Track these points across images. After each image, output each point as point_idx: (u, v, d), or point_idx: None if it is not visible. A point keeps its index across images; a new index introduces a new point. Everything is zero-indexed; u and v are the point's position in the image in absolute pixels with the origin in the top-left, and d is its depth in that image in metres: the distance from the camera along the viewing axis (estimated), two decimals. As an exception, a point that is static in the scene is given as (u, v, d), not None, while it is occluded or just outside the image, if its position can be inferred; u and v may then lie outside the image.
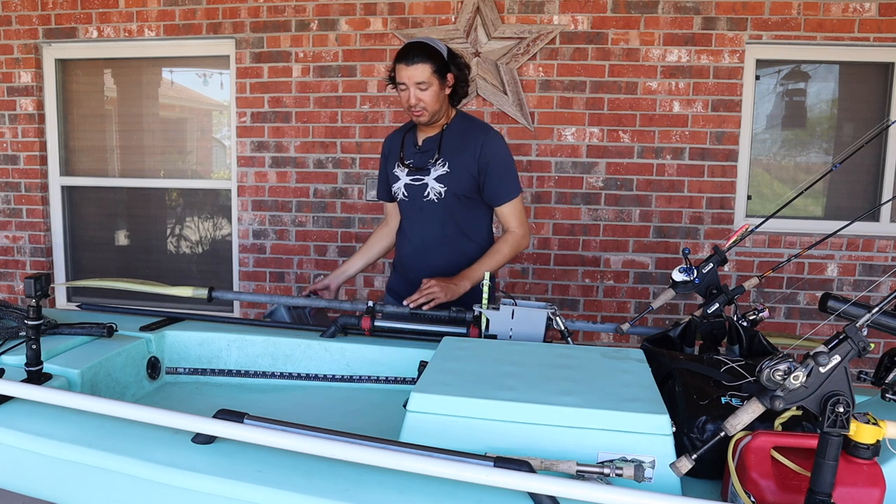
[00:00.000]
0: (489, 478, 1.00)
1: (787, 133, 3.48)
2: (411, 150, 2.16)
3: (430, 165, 2.10)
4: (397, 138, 2.23)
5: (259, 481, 1.07)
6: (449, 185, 2.08)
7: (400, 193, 2.17)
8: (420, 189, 2.12)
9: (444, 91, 2.04)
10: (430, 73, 1.97)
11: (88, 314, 1.99)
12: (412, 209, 2.16)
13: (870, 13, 3.19)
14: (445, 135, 2.11)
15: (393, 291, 2.31)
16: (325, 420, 1.47)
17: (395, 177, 2.18)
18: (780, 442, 1.10)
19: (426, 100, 2.00)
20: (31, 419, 1.28)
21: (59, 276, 4.00)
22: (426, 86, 1.99)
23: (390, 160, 2.21)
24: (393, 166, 2.19)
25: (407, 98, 2.02)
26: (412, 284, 2.19)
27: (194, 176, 3.91)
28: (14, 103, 3.83)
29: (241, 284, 3.79)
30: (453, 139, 2.10)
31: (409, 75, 1.97)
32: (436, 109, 2.04)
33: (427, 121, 2.06)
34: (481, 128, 2.11)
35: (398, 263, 2.30)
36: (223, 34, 3.59)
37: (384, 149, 2.26)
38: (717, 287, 1.78)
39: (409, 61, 1.97)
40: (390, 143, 2.25)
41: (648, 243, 3.44)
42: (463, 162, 2.07)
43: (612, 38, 3.33)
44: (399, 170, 2.17)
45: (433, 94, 2.00)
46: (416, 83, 1.98)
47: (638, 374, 1.32)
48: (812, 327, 3.35)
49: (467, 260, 2.13)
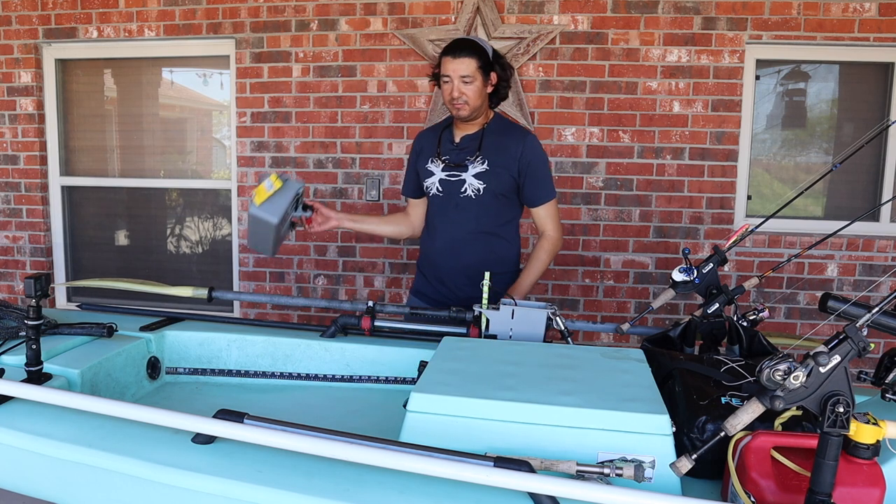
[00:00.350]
0: (489, 478, 1.00)
1: (787, 133, 3.48)
2: (448, 147, 2.17)
3: (469, 162, 2.12)
4: (432, 135, 2.24)
5: (259, 481, 1.07)
6: (488, 182, 2.10)
7: (434, 188, 2.17)
8: (457, 185, 2.13)
9: (486, 88, 2.07)
10: (475, 68, 2.01)
11: (88, 314, 1.99)
12: (446, 204, 2.16)
13: (870, 13, 3.19)
14: (486, 133, 2.13)
15: (420, 294, 2.29)
16: (325, 420, 1.47)
17: (429, 172, 2.18)
18: (780, 442, 1.10)
19: (469, 94, 2.03)
20: (31, 419, 1.29)
21: (59, 276, 4.00)
22: (470, 80, 2.02)
23: (423, 156, 2.21)
24: (426, 161, 2.19)
25: (450, 90, 2.04)
26: (440, 283, 2.20)
27: (194, 176, 3.91)
28: (14, 103, 3.83)
29: (241, 284, 3.79)
30: (494, 138, 2.13)
31: (455, 68, 2.01)
32: (477, 105, 2.06)
33: (467, 115, 2.07)
34: (521, 130, 2.16)
35: (425, 263, 2.28)
36: (223, 34, 3.59)
37: (416, 145, 2.27)
38: (717, 287, 1.78)
39: (455, 54, 2.01)
40: (424, 139, 2.25)
41: (648, 243, 3.44)
42: (503, 161, 2.10)
43: (612, 38, 3.33)
44: (434, 165, 2.17)
45: (476, 89, 2.04)
46: (460, 76, 2.01)
47: (638, 374, 1.32)
48: (812, 327, 3.35)
49: (496, 257, 2.17)
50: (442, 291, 2.21)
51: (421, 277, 2.31)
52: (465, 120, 2.11)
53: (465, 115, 2.07)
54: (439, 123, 2.27)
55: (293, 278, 3.72)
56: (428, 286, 2.26)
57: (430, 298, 2.24)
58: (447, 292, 2.20)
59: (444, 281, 2.20)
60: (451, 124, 2.20)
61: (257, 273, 3.76)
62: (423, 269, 2.30)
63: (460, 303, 2.11)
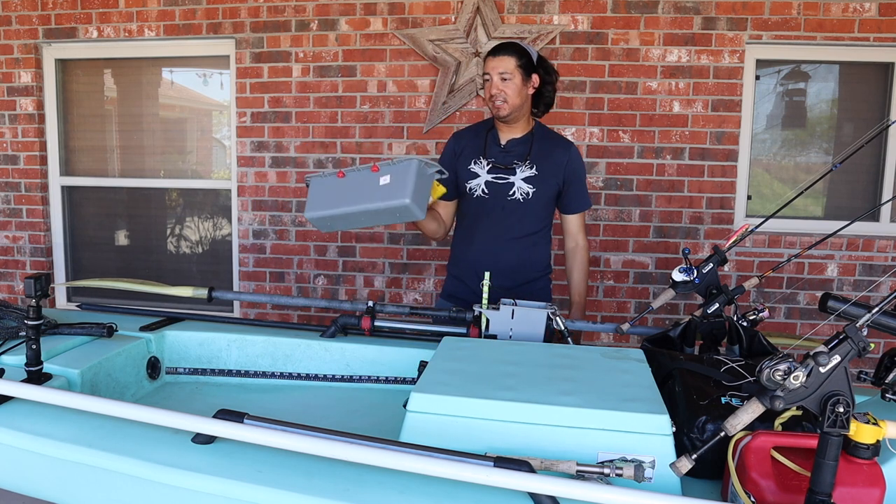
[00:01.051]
0: (489, 478, 1.00)
1: (787, 133, 3.48)
2: (494, 149, 2.17)
3: (517, 166, 2.13)
4: (474, 136, 2.22)
5: (259, 481, 1.07)
6: (538, 187, 2.13)
7: (478, 190, 2.16)
8: (505, 187, 2.13)
9: (526, 89, 2.09)
10: (514, 66, 2.04)
11: (88, 314, 1.99)
12: (492, 206, 2.15)
13: (870, 13, 3.19)
14: (535, 139, 2.16)
15: (453, 297, 2.26)
16: (325, 420, 1.47)
17: (473, 173, 2.17)
18: (780, 442, 1.10)
19: (508, 92, 2.05)
20: (31, 419, 1.29)
21: (59, 276, 4.00)
22: (509, 76, 2.04)
23: (464, 156, 2.19)
24: (468, 163, 2.18)
25: (490, 88, 2.06)
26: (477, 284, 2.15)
27: (194, 176, 3.91)
28: (14, 103, 3.83)
29: (241, 284, 3.79)
30: (541, 145, 2.16)
31: (494, 66, 2.05)
32: (516, 105, 2.07)
33: (506, 115, 2.08)
34: (565, 139, 2.23)
35: (460, 265, 2.25)
36: (223, 34, 3.59)
37: (454, 145, 2.23)
38: (717, 287, 1.78)
39: (496, 53, 2.06)
40: (464, 140, 2.23)
41: (648, 243, 3.44)
42: (551, 168, 2.14)
43: (612, 38, 3.33)
44: (478, 166, 2.16)
45: (515, 87, 2.05)
46: (499, 73, 2.04)
47: (638, 374, 1.32)
48: (812, 327, 3.35)
49: (534, 260, 2.21)
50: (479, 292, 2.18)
51: (454, 281, 2.28)
52: (504, 120, 2.11)
53: (504, 115, 2.08)
54: (479, 124, 2.26)
55: (293, 278, 3.72)
56: (464, 289, 2.23)
57: (464, 301, 2.20)
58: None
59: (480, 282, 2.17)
60: (494, 127, 2.20)
61: (257, 273, 3.76)
62: (456, 273, 2.27)
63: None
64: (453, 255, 2.31)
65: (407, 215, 1.77)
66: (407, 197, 1.70)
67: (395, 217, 1.79)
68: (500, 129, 2.18)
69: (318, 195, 1.81)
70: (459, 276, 2.26)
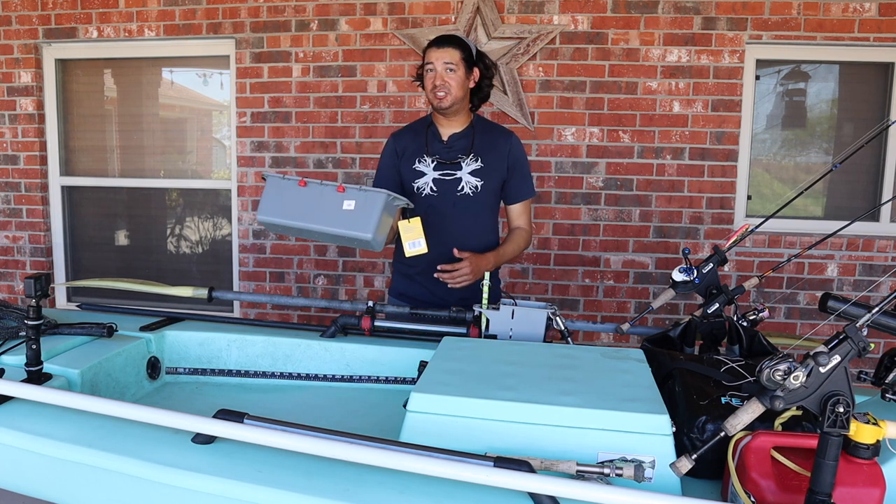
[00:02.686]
0: (489, 478, 1.00)
1: (787, 133, 3.48)
2: (436, 146, 2.16)
3: (462, 160, 2.12)
4: (413, 135, 2.20)
5: (259, 481, 1.07)
6: (485, 179, 2.12)
7: (427, 189, 2.14)
8: (453, 184, 2.12)
9: (468, 82, 2.10)
10: (458, 58, 2.05)
11: (88, 314, 1.99)
12: (443, 203, 2.13)
13: (870, 13, 3.19)
14: (476, 131, 2.15)
15: (404, 296, 2.24)
16: (325, 420, 1.47)
17: (419, 172, 2.14)
18: (780, 442, 1.10)
19: (451, 83, 2.05)
20: (31, 419, 1.29)
21: (59, 276, 4.00)
22: (454, 67, 2.04)
23: (407, 157, 2.17)
24: (412, 162, 2.16)
25: (433, 78, 2.06)
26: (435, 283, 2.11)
27: (194, 176, 3.91)
28: (14, 103, 3.83)
29: (241, 284, 3.79)
30: (483, 136, 2.15)
31: (439, 56, 2.05)
32: (458, 97, 2.07)
33: (448, 106, 2.07)
34: (505, 130, 2.22)
35: (414, 264, 2.17)
36: (223, 34, 3.59)
37: (395, 147, 2.20)
38: (717, 287, 1.78)
39: (440, 44, 2.06)
40: (404, 140, 2.20)
41: (648, 243, 3.44)
42: (495, 159, 2.14)
43: (612, 38, 3.33)
44: (423, 165, 2.15)
45: (458, 79, 2.06)
46: (444, 62, 2.04)
47: (638, 374, 1.32)
48: (812, 327, 3.34)
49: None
50: (436, 292, 2.17)
51: (403, 279, 2.25)
52: (445, 112, 2.10)
53: (445, 106, 2.07)
54: (417, 122, 2.24)
55: (293, 278, 3.72)
56: (417, 288, 2.21)
57: (417, 300, 2.20)
58: (442, 292, 2.15)
59: (437, 281, 2.12)
60: (432, 123, 2.18)
61: (257, 273, 3.76)
62: (407, 272, 2.22)
63: (457, 302, 2.09)
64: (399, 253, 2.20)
65: (364, 246, 1.77)
66: (370, 232, 1.69)
67: (351, 244, 1.79)
68: (440, 125, 2.17)
69: (274, 198, 1.77)
70: (410, 275, 2.22)
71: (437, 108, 2.09)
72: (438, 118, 2.16)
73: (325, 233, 1.75)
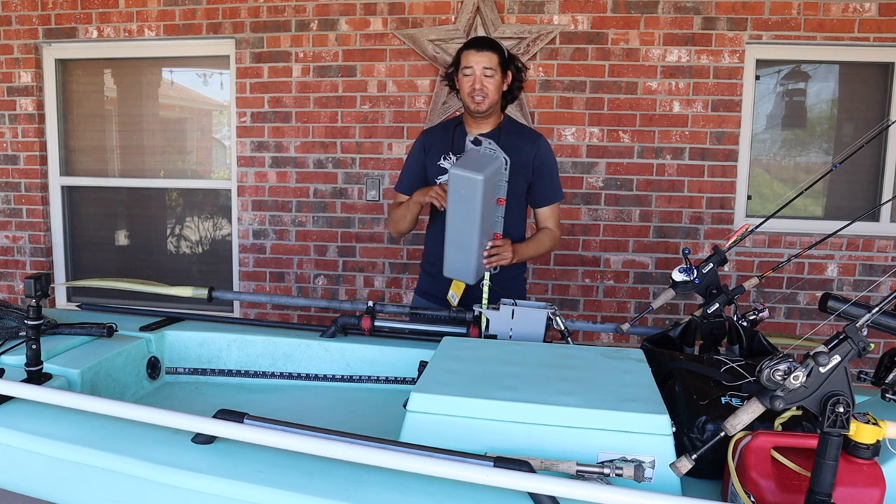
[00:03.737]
0: (489, 478, 1.00)
1: (787, 133, 3.48)
2: (462, 145, 2.16)
3: None
4: (442, 132, 2.22)
5: (259, 481, 1.07)
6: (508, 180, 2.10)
7: None
8: None
9: (503, 86, 2.11)
10: (497, 63, 2.06)
11: (88, 314, 1.99)
12: None
13: (870, 13, 3.19)
14: (503, 133, 2.15)
15: (428, 294, 2.26)
16: (325, 420, 1.47)
17: (442, 169, 2.17)
18: (780, 442, 1.10)
19: (489, 87, 2.06)
20: (31, 419, 1.29)
21: (59, 276, 4.00)
22: (492, 73, 2.05)
23: (433, 153, 2.20)
24: (437, 159, 2.18)
25: (471, 83, 2.06)
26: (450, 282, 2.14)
27: (194, 176, 3.91)
28: (14, 103, 3.83)
29: (241, 284, 3.79)
30: (510, 138, 2.15)
31: (478, 60, 2.04)
32: (494, 101, 2.08)
33: (485, 109, 2.08)
34: (534, 132, 2.23)
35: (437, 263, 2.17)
36: (223, 34, 3.59)
37: (423, 142, 2.23)
38: (717, 287, 1.78)
39: (479, 48, 2.05)
40: (432, 136, 2.23)
41: (648, 243, 3.44)
42: (520, 160, 2.13)
43: (612, 38, 3.33)
44: (447, 162, 2.17)
45: (496, 83, 2.07)
46: (483, 68, 2.04)
47: (638, 374, 1.32)
48: (812, 327, 3.34)
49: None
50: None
51: (427, 278, 2.28)
52: (481, 115, 2.11)
53: (483, 109, 2.08)
54: (448, 121, 2.26)
55: (293, 278, 3.72)
56: (438, 286, 2.21)
57: (440, 299, 2.20)
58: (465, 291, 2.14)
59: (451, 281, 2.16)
60: (461, 123, 2.20)
61: (257, 273, 3.76)
62: (431, 270, 2.25)
63: (473, 300, 2.10)
64: (428, 253, 2.29)
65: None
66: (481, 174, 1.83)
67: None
68: (469, 125, 2.18)
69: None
70: (434, 274, 2.22)
71: (474, 111, 2.10)
72: (468, 119, 2.17)
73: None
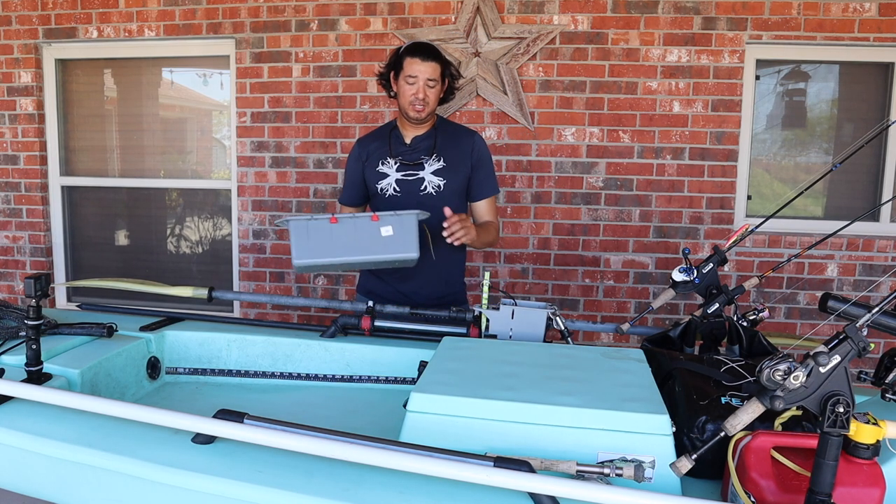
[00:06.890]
0: (489, 478, 1.00)
1: (787, 133, 3.47)
2: (400, 148, 2.18)
3: (425, 161, 2.14)
4: (377, 140, 2.22)
5: (259, 481, 1.07)
6: (448, 178, 2.14)
7: (390, 189, 2.16)
8: (416, 184, 2.14)
9: (441, 93, 2.14)
10: (439, 73, 2.08)
11: (88, 314, 1.99)
12: (406, 203, 2.14)
13: (870, 13, 3.19)
14: (439, 132, 2.18)
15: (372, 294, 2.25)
16: (325, 420, 1.47)
17: (382, 174, 2.17)
18: (780, 442, 1.10)
19: (430, 97, 2.08)
20: (31, 419, 1.29)
21: (59, 276, 4.00)
22: (434, 83, 2.07)
23: (372, 160, 2.20)
24: (376, 165, 2.19)
25: (414, 92, 2.06)
26: (401, 281, 2.18)
27: (194, 176, 3.91)
28: (14, 103, 3.83)
29: (241, 284, 3.79)
30: (445, 136, 2.17)
31: (423, 70, 2.04)
32: (433, 109, 2.12)
33: (423, 118, 2.11)
34: (468, 129, 2.24)
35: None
36: (223, 34, 3.59)
37: (359, 152, 2.23)
38: (717, 287, 1.78)
39: (424, 57, 2.05)
40: (368, 144, 2.23)
41: (648, 243, 3.44)
42: (458, 158, 2.15)
43: (612, 38, 3.33)
44: (386, 166, 2.17)
45: (437, 93, 2.10)
46: (427, 79, 2.05)
47: (638, 374, 1.32)
48: (812, 327, 3.34)
49: (458, 254, 2.21)
50: (402, 290, 2.19)
51: (372, 278, 2.26)
52: (419, 122, 2.12)
53: (422, 117, 2.10)
54: (381, 129, 2.27)
55: (293, 278, 3.72)
56: (383, 286, 2.22)
57: (384, 298, 2.20)
58: (409, 291, 2.18)
59: (406, 279, 2.17)
60: (396, 127, 2.21)
61: (257, 273, 3.76)
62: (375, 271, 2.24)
63: (425, 300, 2.13)
64: None
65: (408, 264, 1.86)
66: (415, 251, 1.79)
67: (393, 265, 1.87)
68: (405, 129, 2.18)
69: (304, 241, 1.77)
70: (378, 274, 2.24)
71: (414, 118, 2.11)
72: (404, 123, 2.18)
73: (371, 262, 1.81)
